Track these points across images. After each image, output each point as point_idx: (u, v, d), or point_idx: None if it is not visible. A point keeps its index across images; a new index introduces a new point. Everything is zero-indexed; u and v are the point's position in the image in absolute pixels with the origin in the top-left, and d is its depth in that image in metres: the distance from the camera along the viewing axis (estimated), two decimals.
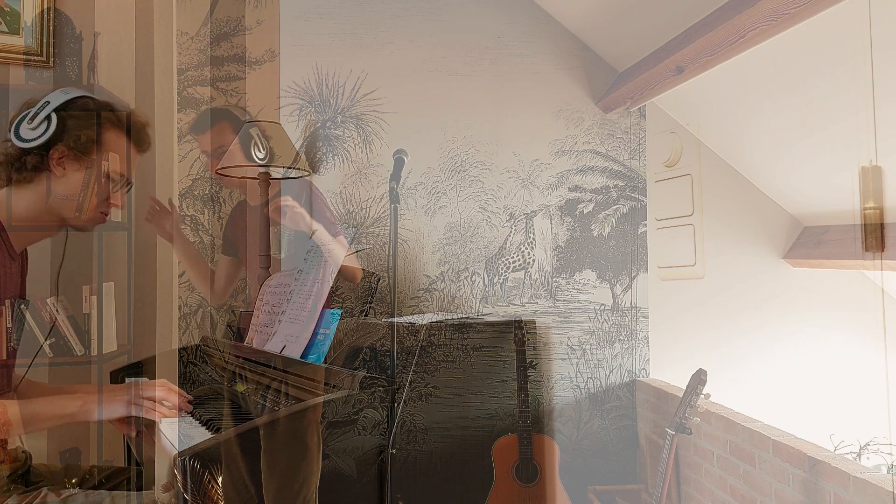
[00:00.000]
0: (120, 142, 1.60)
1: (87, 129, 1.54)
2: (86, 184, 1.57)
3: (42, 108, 1.53)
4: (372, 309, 2.28)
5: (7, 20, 2.58)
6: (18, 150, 1.52)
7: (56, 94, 1.56)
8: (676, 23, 2.48)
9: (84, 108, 1.56)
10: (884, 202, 2.18)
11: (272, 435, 1.48)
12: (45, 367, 2.43)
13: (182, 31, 2.77)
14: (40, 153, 1.52)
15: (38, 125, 1.51)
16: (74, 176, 1.55)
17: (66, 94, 1.56)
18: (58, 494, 1.47)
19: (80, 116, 1.54)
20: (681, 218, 3.03)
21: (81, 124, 1.54)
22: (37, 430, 1.55)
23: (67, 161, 1.54)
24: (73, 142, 1.53)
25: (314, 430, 1.55)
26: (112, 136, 1.59)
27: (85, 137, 1.54)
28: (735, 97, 2.72)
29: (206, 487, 1.40)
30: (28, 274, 1.69)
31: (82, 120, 1.54)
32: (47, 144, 1.52)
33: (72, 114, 1.54)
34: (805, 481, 1.98)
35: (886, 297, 3.07)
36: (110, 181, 1.59)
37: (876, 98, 2.07)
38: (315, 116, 2.84)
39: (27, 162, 1.52)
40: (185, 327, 2.75)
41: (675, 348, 2.99)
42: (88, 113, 1.55)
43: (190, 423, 1.62)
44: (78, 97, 1.57)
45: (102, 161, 1.57)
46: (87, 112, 1.55)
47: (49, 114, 1.52)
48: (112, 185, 1.60)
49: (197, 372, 2.18)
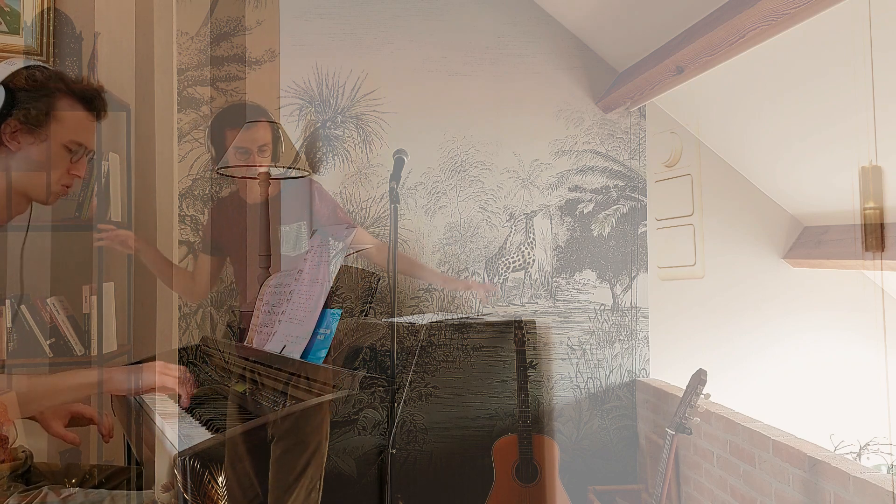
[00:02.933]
0: (74, 110, 1.55)
1: (37, 101, 1.49)
2: (51, 155, 1.51)
3: None
4: (372, 309, 2.28)
5: (7, 20, 2.58)
6: None
7: (2, 66, 1.50)
8: (676, 23, 2.48)
9: (32, 79, 1.50)
10: (884, 202, 2.18)
11: (279, 435, 1.49)
12: (45, 367, 2.43)
13: (182, 31, 2.77)
14: None
15: None
16: (31, 150, 1.51)
17: (12, 65, 1.51)
18: (58, 494, 1.47)
19: (28, 88, 1.48)
20: (681, 218, 3.03)
21: (31, 96, 1.48)
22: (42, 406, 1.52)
23: (21, 135, 1.49)
24: (24, 115, 1.48)
25: (321, 429, 1.56)
26: (65, 105, 1.53)
27: (35, 110, 1.49)
28: (735, 97, 2.72)
29: (206, 487, 1.40)
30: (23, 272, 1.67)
31: (31, 92, 1.48)
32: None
33: (20, 86, 1.48)
34: (805, 481, 1.98)
35: (886, 297, 3.07)
36: (70, 152, 1.54)
37: (876, 98, 2.07)
38: (315, 116, 2.84)
39: None
40: (185, 327, 2.75)
41: (675, 348, 2.99)
42: (37, 84, 1.50)
43: (190, 423, 1.62)
44: (23, 68, 1.51)
45: (59, 132, 1.51)
46: (35, 83, 1.50)
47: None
48: (72, 156, 1.55)
49: (197, 372, 2.18)
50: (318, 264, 1.84)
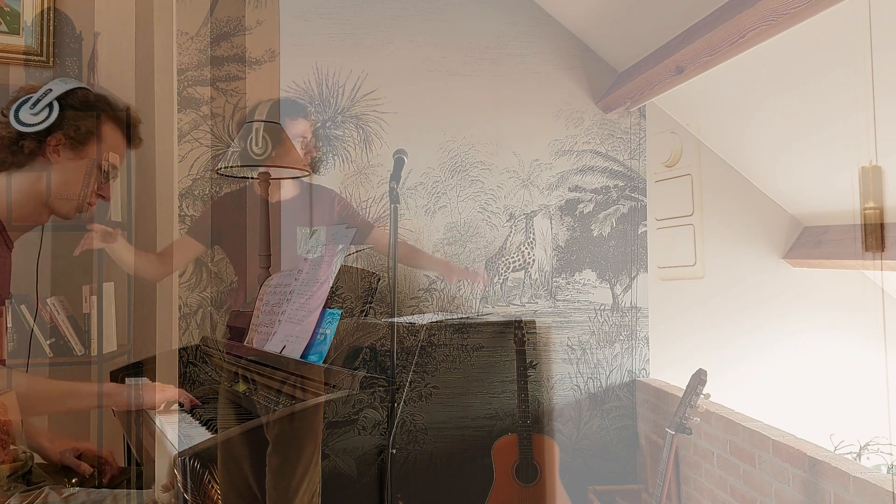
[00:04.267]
0: (115, 135, 1.64)
1: (86, 120, 1.58)
2: (88, 173, 1.60)
3: (45, 94, 1.56)
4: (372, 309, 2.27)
5: (7, 20, 2.58)
6: (15, 134, 1.54)
7: (57, 83, 1.59)
8: (676, 23, 2.48)
9: (84, 100, 1.59)
10: (884, 202, 2.18)
11: (278, 436, 1.49)
12: (45, 367, 2.43)
13: (182, 31, 2.77)
14: (38, 139, 1.54)
15: (40, 111, 1.54)
16: (68, 165, 1.58)
17: (67, 83, 1.59)
18: (59, 493, 1.47)
19: (79, 107, 1.57)
20: (681, 218, 3.03)
21: (81, 115, 1.57)
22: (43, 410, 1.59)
23: (63, 150, 1.56)
24: (73, 132, 1.56)
25: (319, 430, 1.56)
26: (108, 130, 1.62)
27: (84, 128, 1.57)
28: (735, 97, 2.72)
29: (206, 487, 1.40)
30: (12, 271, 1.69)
31: (82, 111, 1.57)
32: (46, 131, 1.54)
33: (72, 104, 1.57)
34: (805, 481, 1.98)
35: (886, 297, 3.07)
36: (103, 173, 1.62)
37: (876, 98, 2.07)
38: (315, 116, 2.84)
39: (24, 146, 1.54)
40: (185, 327, 2.75)
41: (675, 348, 2.99)
42: (88, 105, 1.59)
43: (190, 423, 1.62)
44: (78, 88, 1.60)
45: (98, 152, 1.60)
46: (87, 103, 1.59)
47: (51, 101, 1.55)
48: (103, 177, 1.63)
49: (197, 372, 2.18)
50: (319, 264, 1.84)
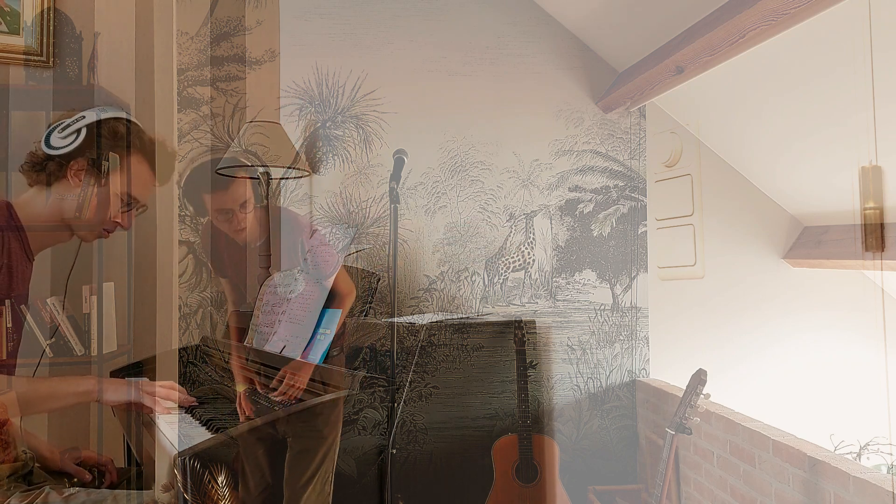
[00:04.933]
0: (142, 168, 1.67)
1: (112, 150, 1.61)
2: (104, 201, 1.63)
3: (76, 120, 1.61)
4: (372, 309, 2.28)
5: (7, 20, 2.58)
6: (44, 156, 1.60)
7: (92, 111, 1.64)
8: (676, 23, 2.48)
9: (113, 130, 1.63)
10: (884, 202, 2.18)
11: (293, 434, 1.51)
12: (45, 367, 2.43)
13: (182, 31, 2.77)
14: (60, 162, 1.59)
15: (68, 136, 1.59)
16: (88, 190, 1.62)
17: (103, 112, 1.64)
18: (60, 493, 1.48)
19: (108, 136, 1.61)
20: (681, 218, 3.03)
21: (107, 144, 1.61)
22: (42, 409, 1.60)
23: (85, 175, 1.61)
24: (96, 159, 1.60)
25: (337, 426, 1.59)
26: (135, 162, 1.66)
27: (107, 160, 1.61)
28: (735, 97, 2.72)
29: (206, 487, 1.40)
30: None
31: (109, 140, 1.61)
32: (69, 156, 1.59)
33: (102, 132, 1.61)
34: (805, 481, 1.98)
35: (886, 297, 3.07)
36: (122, 203, 1.65)
37: (876, 98, 2.07)
38: (315, 116, 2.84)
39: (47, 168, 1.60)
40: (185, 327, 2.75)
41: (675, 348, 2.99)
42: (118, 137, 1.63)
43: (190, 423, 1.62)
44: (112, 118, 1.64)
45: (119, 183, 1.63)
46: (115, 134, 1.63)
47: (81, 128, 1.60)
48: (123, 207, 1.66)
49: (197, 372, 2.18)
50: (318, 264, 1.84)
